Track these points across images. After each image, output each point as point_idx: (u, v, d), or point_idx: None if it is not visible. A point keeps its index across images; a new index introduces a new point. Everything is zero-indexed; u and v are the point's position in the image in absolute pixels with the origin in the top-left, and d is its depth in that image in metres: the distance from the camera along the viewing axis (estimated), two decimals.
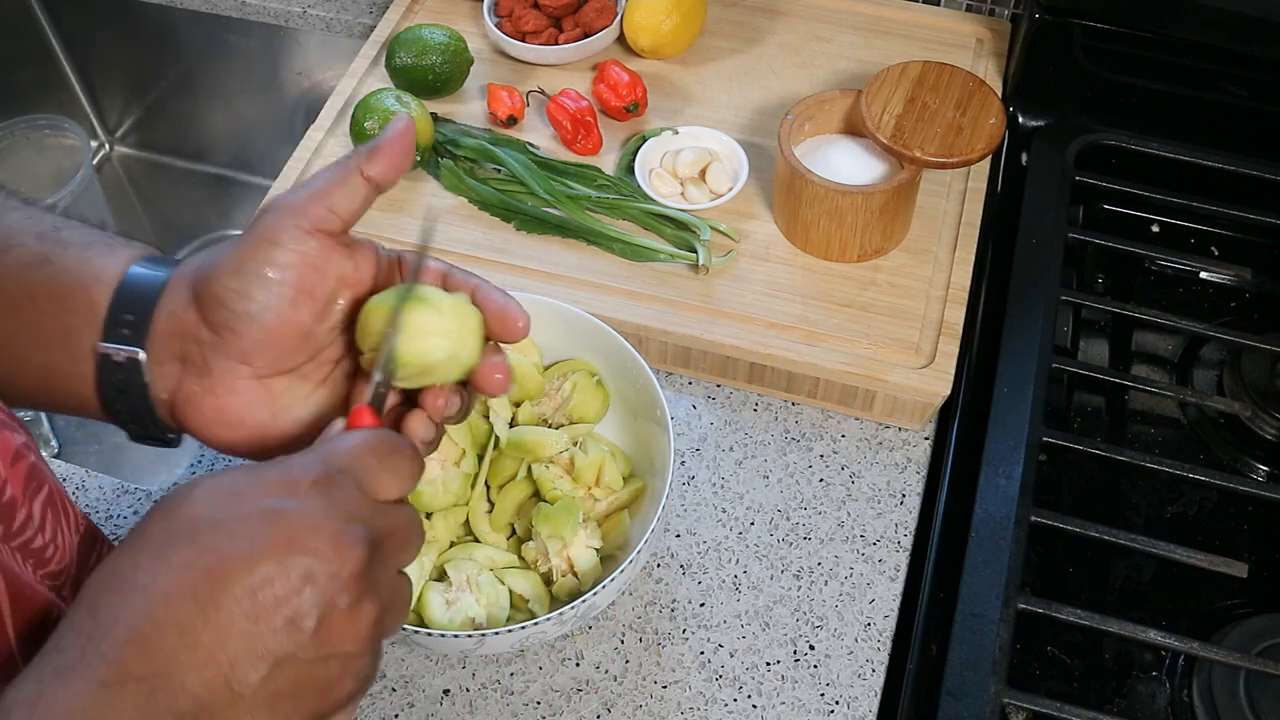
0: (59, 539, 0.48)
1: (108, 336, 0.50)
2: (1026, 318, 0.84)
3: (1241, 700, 0.70)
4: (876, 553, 0.78)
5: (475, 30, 1.05)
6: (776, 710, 0.72)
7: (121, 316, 0.50)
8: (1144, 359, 0.91)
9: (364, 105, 0.91)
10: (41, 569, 0.47)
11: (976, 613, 0.71)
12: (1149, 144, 0.94)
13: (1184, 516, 0.82)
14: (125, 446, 1.18)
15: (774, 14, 1.06)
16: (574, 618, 0.66)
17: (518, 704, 0.72)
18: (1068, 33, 0.94)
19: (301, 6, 1.16)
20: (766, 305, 0.85)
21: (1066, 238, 0.89)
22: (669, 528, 0.79)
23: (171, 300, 0.50)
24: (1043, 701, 0.68)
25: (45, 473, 0.49)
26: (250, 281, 0.48)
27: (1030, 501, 0.75)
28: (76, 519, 0.51)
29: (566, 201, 0.90)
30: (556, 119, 0.95)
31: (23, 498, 0.46)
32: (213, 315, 0.49)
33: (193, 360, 0.50)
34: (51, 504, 0.49)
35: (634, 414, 0.76)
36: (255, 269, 0.48)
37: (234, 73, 1.27)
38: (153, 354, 0.50)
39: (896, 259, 0.87)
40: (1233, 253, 0.94)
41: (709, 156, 0.92)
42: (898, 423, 0.84)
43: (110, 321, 0.50)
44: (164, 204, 1.44)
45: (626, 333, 0.81)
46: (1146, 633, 0.70)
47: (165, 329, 0.50)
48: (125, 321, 0.50)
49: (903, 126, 0.84)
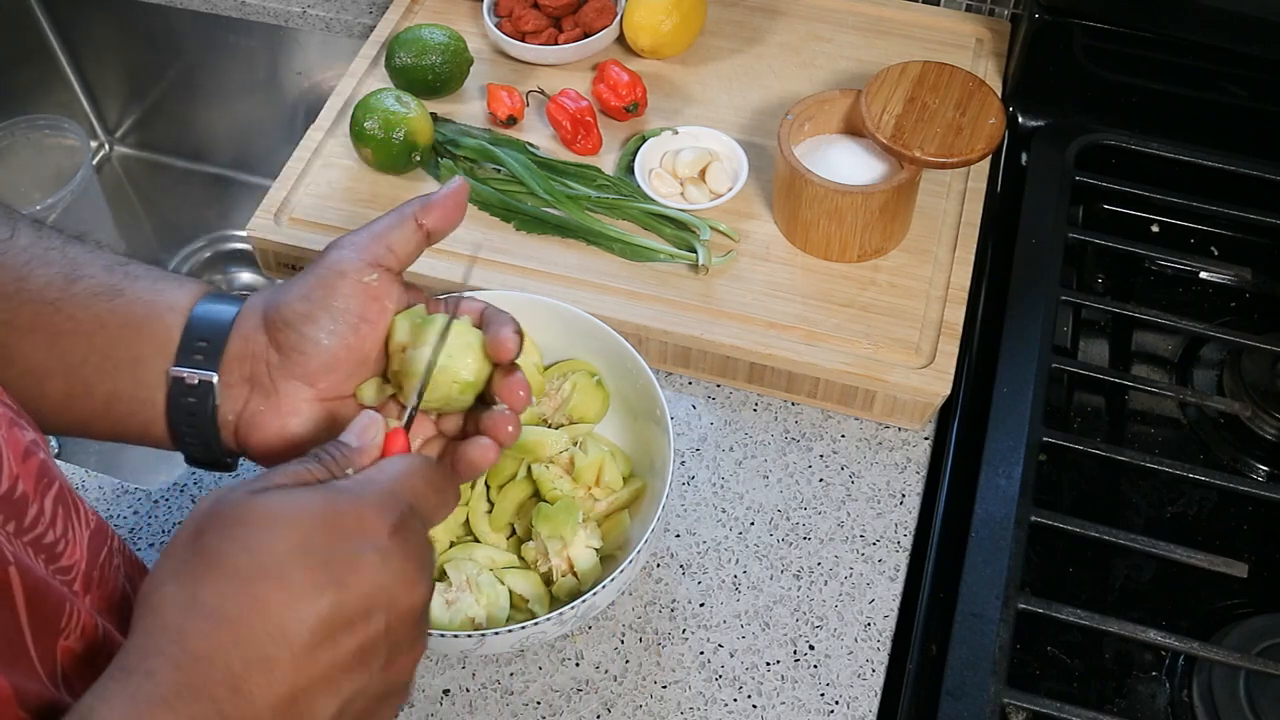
0: (70, 534, 0.49)
1: (181, 361, 0.54)
2: (1026, 318, 0.84)
3: (1241, 700, 0.70)
4: (876, 553, 0.78)
5: (475, 30, 1.05)
6: (776, 710, 0.72)
7: (195, 343, 0.54)
8: (1144, 359, 0.91)
9: (364, 105, 0.91)
10: (53, 564, 0.47)
11: (976, 613, 0.71)
12: (1149, 144, 0.94)
13: (1184, 516, 0.82)
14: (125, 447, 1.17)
15: (774, 14, 1.06)
16: (574, 618, 0.66)
17: (518, 704, 0.72)
18: (1068, 33, 0.94)
19: (301, 6, 1.16)
20: (766, 305, 0.85)
21: (1066, 238, 0.89)
22: (669, 528, 0.79)
23: (243, 327, 0.55)
24: (1043, 701, 0.68)
25: (55, 469, 0.50)
26: (317, 306, 0.54)
27: (1030, 501, 0.75)
28: (86, 515, 0.51)
29: (566, 201, 0.90)
30: (556, 119, 0.95)
31: (34, 494, 0.47)
32: (282, 338, 0.54)
33: (260, 382, 0.55)
34: (62, 500, 0.49)
35: (634, 414, 0.76)
36: (322, 296, 0.54)
37: (234, 73, 1.27)
38: (223, 377, 0.54)
39: (896, 259, 0.87)
40: (1233, 253, 0.94)
41: (709, 156, 0.92)
42: (898, 423, 0.84)
43: (184, 348, 0.54)
44: (164, 204, 1.43)
45: (626, 333, 0.81)
46: (1146, 633, 0.70)
47: (236, 353, 0.55)
48: (199, 348, 0.54)
49: (903, 126, 0.84)
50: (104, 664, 0.44)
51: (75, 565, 0.49)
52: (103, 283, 0.55)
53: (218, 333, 0.55)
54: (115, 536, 0.54)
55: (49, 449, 0.52)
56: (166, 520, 0.81)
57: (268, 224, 0.91)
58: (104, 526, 0.53)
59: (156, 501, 0.82)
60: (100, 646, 0.47)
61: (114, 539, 0.54)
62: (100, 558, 0.52)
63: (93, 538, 0.51)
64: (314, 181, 0.94)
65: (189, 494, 0.82)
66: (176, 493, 0.82)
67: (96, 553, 0.51)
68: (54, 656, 0.44)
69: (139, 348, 0.54)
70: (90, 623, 0.47)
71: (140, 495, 0.82)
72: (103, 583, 0.52)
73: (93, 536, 0.51)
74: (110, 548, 0.53)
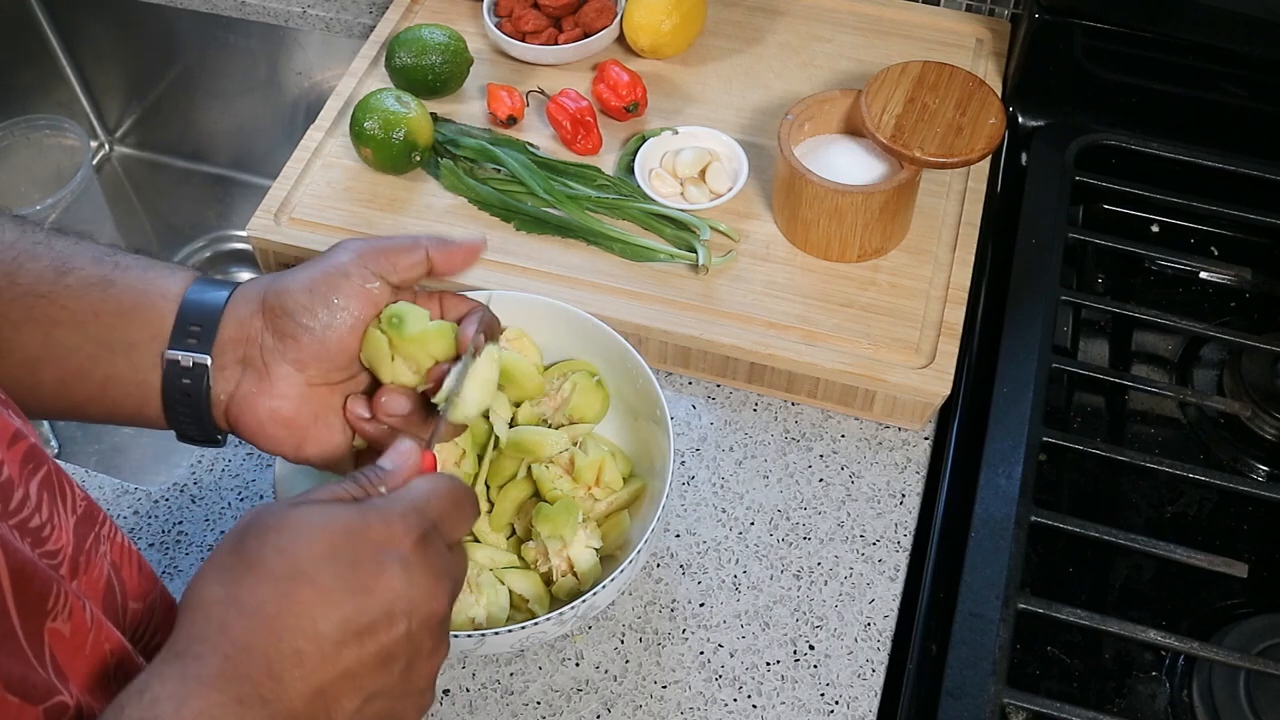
0: (55, 519, 0.50)
1: (175, 344, 0.57)
2: (1026, 318, 0.84)
3: (1241, 700, 0.70)
4: (876, 553, 0.78)
5: (475, 30, 1.05)
6: (776, 710, 0.72)
7: (188, 327, 0.57)
8: (1144, 359, 0.91)
9: (364, 105, 0.91)
10: (39, 548, 0.48)
11: (976, 613, 0.71)
12: (1149, 144, 0.94)
13: (1184, 516, 0.82)
14: (125, 447, 1.18)
15: (774, 14, 1.06)
16: (574, 618, 0.66)
17: (518, 704, 0.72)
18: (1067, 33, 0.94)
19: (301, 6, 1.16)
20: (766, 305, 0.85)
21: (1066, 238, 0.89)
22: (669, 528, 0.79)
23: (237, 311, 0.58)
24: (1043, 701, 0.68)
25: (43, 453, 0.51)
26: (318, 302, 0.57)
27: (1030, 501, 0.75)
28: (75, 500, 0.52)
29: (566, 201, 0.90)
30: (556, 119, 0.95)
31: (20, 478, 0.47)
32: (280, 325, 0.57)
33: (254, 364, 0.58)
34: (49, 485, 0.50)
35: (634, 414, 0.76)
36: (325, 293, 0.57)
37: (234, 73, 1.27)
38: (216, 359, 0.57)
39: (896, 259, 0.87)
40: (1233, 253, 0.94)
41: (709, 156, 0.92)
42: (897, 423, 0.84)
43: (178, 332, 0.57)
44: (164, 204, 1.43)
45: (626, 333, 0.81)
46: (1146, 633, 0.70)
47: (230, 336, 0.57)
48: (192, 331, 0.57)
49: (903, 126, 0.84)
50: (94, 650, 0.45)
51: (62, 550, 0.50)
52: (93, 274, 0.57)
53: (210, 317, 0.57)
54: (107, 522, 0.55)
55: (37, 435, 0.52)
56: (166, 520, 0.81)
57: (268, 224, 0.91)
58: (94, 511, 0.53)
59: (156, 501, 0.82)
60: (89, 632, 0.47)
61: (103, 525, 0.54)
62: (87, 544, 0.52)
63: (79, 523, 0.51)
64: (314, 181, 0.93)
65: (189, 494, 0.82)
66: (176, 493, 0.82)
67: (83, 539, 0.51)
68: (42, 638, 0.44)
69: (133, 334, 0.57)
70: (78, 605, 0.47)
71: (140, 495, 0.82)
72: (89, 568, 0.52)
73: (79, 522, 0.51)
74: (98, 534, 0.53)
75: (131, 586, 0.55)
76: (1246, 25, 0.87)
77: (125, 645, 0.50)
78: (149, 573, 0.58)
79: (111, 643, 0.49)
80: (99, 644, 0.48)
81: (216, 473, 0.83)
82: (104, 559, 0.54)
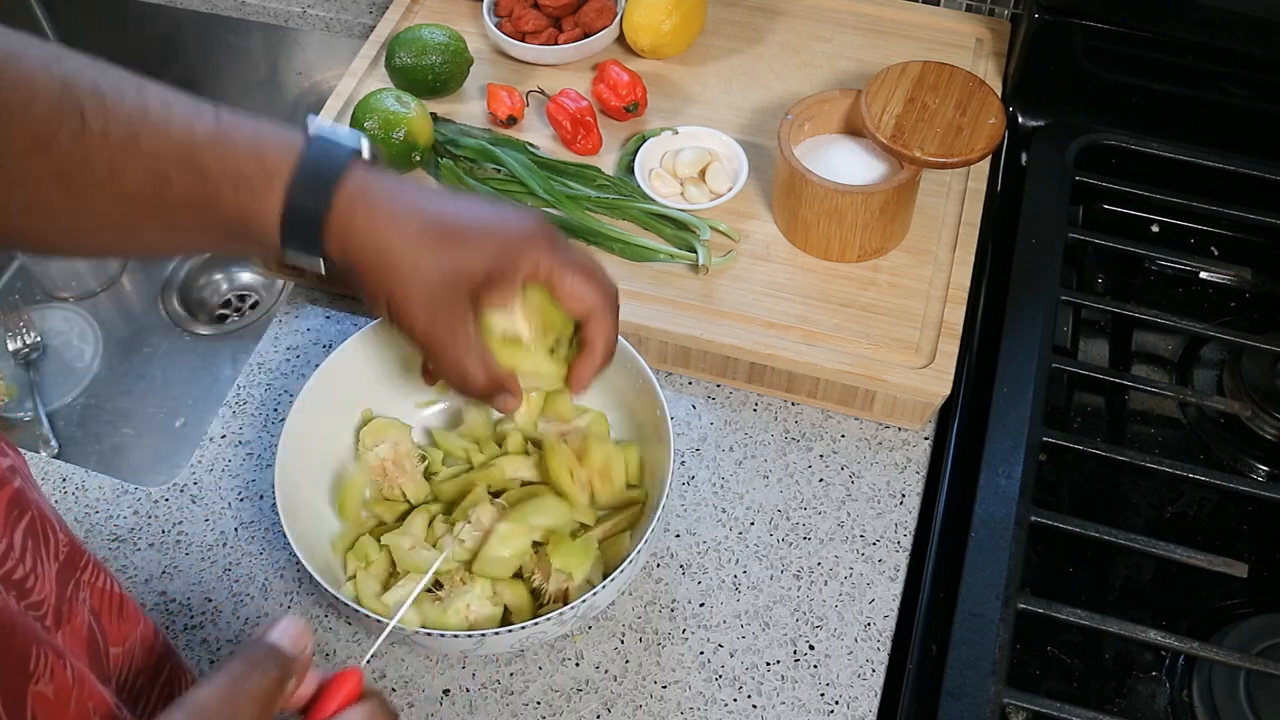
0: (39, 568, 0.49)
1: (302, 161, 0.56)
2: (1026, 318, 0.84)
3: (1241, 700, 0.70)
4: (876, 553, 0.78)
5: (475, 30, 1.05)
6: (776, 710, 0.72)
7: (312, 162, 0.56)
8: (1144, 359, 0.91)
9: (364, 105, 0.91)
10: (24, 599, 0.47)
11: (976, 613, 0.71)
12: (1149, 144, 0.94)
13: (1184, 516, 0.82)
14: (125, 447, 1.18)
15: (774, 14, 1.06)
16: (574, 618, 0.66)
17: (518, 704, 0.72)
18: (1067, 33, 0.94)
19: (301, 6, 1.16)
20: (766, 305, 0.85)
21: (1066, 238, 0.89)
22: (669, 528, 0.79)
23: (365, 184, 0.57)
24: (1043, 701, 0.68)
25: (29, 497, 0.50)
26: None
27: (1030, 501, 0.75)
28: (58, 546, 0.51)
29: (566, 201, 0.90)
30: (556, 119, 0.95)
31: (4, 527, 0.47)
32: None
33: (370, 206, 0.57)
34: (33, 531, 0.49)
35: (634, 414, 0.76)
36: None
37: (234, 73, 1.27)
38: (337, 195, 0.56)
39: (896, 259, 0.87)
40: (1233, 253, 0.94)
41: (709, 156, 0.92)
42: (897, 423, 0.84)
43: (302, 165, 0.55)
44: None
45: (626, 333, 0.81)
46: (1146, 633, 0.70)
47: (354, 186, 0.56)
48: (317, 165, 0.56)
49: (903, 126, 0.84)
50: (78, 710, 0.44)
51: (45, 600, 0.49)
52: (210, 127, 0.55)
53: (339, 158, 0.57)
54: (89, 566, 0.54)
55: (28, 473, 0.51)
56: (166, 520, 0.81)
57: None
58: (75, 556, 0.53)
59: (156, 501, 0.82)
60: (71, 690, 0.47)
61: (84, 570, 0.53)
62: (68, 592, 0.51)
63: (61, 570, 0.51)
64: None
65: (189, 494, 0.82)
66: (176, 493, 0.82)
67: (64, 586, 0.51)
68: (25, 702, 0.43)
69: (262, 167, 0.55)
70: (59, 665, 0.46)
71: (140, 495, 0.82)
72: (71, 618, 0.51)
73: (61, 569, 0.51)
74: (78, 580, 0.52)
75: (112, 632, 0.55)
76: (1246, 25, 0.87)
77: (109, 701, 0.49)
78: (130, 613, 0.57)
79: (95, 700, 0.48)
80: (82, 703, 0.47)
81: (216, 473, 0.83)
82: (84, 606, 0.53)
